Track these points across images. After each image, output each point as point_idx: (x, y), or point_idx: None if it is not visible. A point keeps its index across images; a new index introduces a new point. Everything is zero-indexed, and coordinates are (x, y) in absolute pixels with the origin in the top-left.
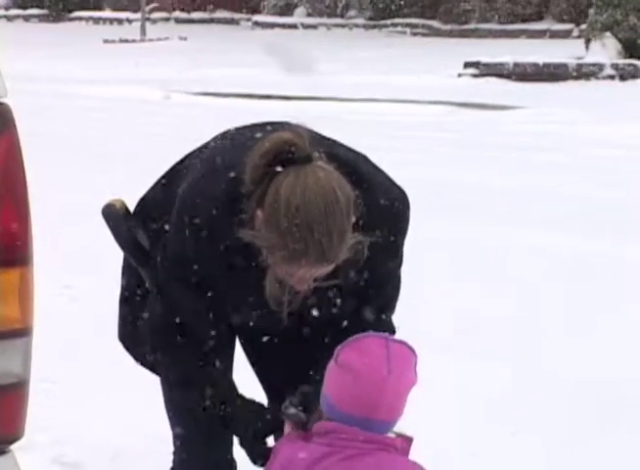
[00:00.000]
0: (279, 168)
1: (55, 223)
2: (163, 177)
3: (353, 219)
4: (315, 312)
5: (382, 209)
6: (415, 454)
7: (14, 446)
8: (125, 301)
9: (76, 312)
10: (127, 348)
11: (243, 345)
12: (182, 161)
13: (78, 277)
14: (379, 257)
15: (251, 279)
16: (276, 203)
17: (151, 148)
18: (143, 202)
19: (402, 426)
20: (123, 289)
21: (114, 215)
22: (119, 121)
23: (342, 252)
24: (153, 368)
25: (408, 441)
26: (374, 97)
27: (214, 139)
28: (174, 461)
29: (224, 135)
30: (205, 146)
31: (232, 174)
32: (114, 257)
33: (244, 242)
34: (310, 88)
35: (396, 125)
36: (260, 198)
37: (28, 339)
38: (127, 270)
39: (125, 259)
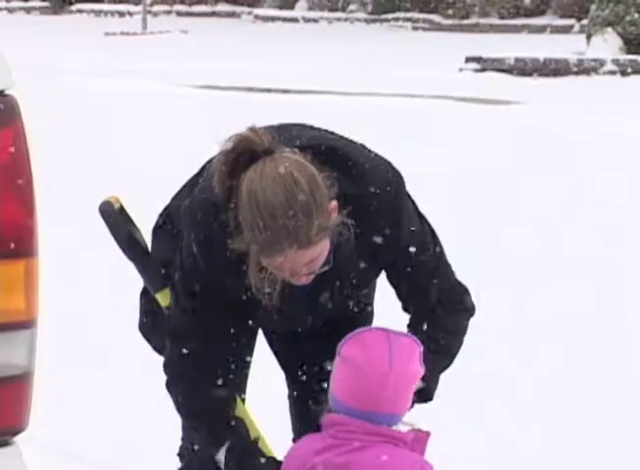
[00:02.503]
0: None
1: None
2: (188, 186)
3: (332, 202)
4: (329, 305)
5: (372, 196)
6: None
7: (16, 438)
8: (145, 292)
9: (75, 303)
10: (147, 337)
11: (266, 338)
12: (203, 169)
13: (80, 269)
14: (386, 239)
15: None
16: (241, 201)
17: (153, 143)
18: (168, 210)
19: (419, 419)
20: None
21: (111, 212)
22: (120, 114)
23: (314, 232)
24: None
25: (425, 435)
26: (374, 91)
27: None
28: (181, 448)
29: None
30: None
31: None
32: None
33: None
34: (310, 82)
35: (396, 119)
36: (236, 203)
37: (33, 330)
38: None
39: None
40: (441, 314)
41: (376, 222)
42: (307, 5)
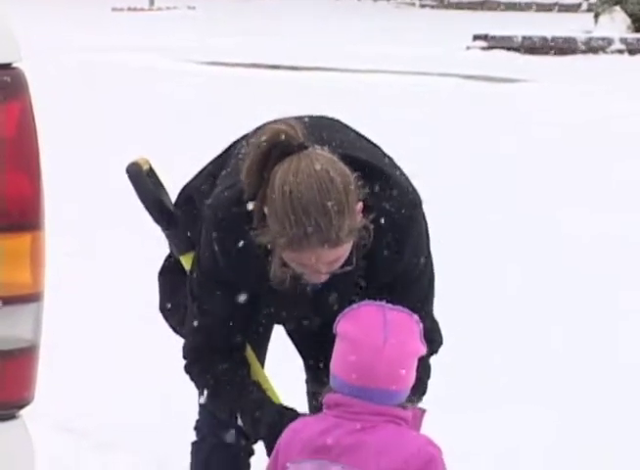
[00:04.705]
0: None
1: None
2: (209, 168)
3: (359, 204)
4: (336, 307)
5: (386, 213)
6: None
7: (22, 413)
8: (164, 271)
9: (89, 276)
10: (166, 317)
11: (286, 331)
12: (224, 153)
13: (95, 235)
14: (389, 258)
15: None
16: (273, 193)
17: (163, 118)
18: (188, 190)
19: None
20: (164, 260)
21: (138, 173)
22: (129, 90)
23: (344, 232)
24: None
25: (421, 412)
26: (382, 68)
27: (246, 139)
28: (197, 421)
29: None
30: (241, 144)
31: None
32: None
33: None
34: (318, 59)
35: (405, 97)
36: (264, 195)
37: (40, 304)
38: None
39: None
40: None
41: (382, 238)
42: None
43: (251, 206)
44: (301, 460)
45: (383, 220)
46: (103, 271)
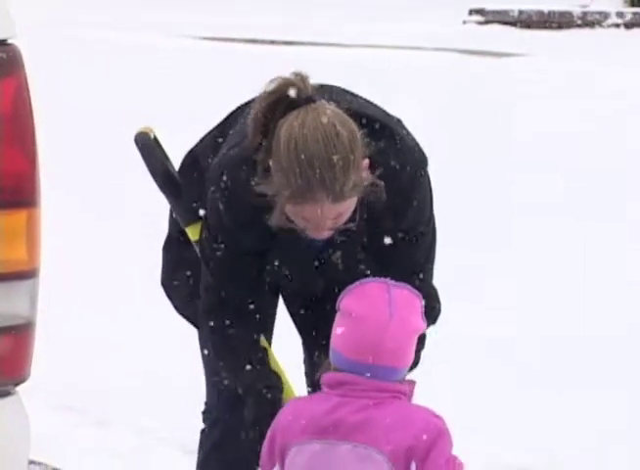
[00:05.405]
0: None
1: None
2: (215, 132)
3: (365, 160)
4: (340, 266)
5: (391, 169)
6: None
7: (19, 388)
8: (167, 246)
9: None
10: (168, 295)
11: (284, 298)
12: (230, 116)
13: (90, 213)
14: (392, 216)
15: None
16: (278, 145)
17: (157, 95)
18: (193, 154)
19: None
20: (167, 235)
21: (147, 142)
22: (122, 67)
23: (348, 187)
24: (189, 318)
25: (412, 384)
26: (377, 43)
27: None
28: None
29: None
30: (249, 107)
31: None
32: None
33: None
34: (313, 34)
35: (401, 72)
36: (269, 147)
37: (36, 280)
38: (171, 218)
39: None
40: None
41: (387, 196)
42: None
43: (255, 157)
44: (306, 441)
45: (388, 178)
46: (99, 248)
